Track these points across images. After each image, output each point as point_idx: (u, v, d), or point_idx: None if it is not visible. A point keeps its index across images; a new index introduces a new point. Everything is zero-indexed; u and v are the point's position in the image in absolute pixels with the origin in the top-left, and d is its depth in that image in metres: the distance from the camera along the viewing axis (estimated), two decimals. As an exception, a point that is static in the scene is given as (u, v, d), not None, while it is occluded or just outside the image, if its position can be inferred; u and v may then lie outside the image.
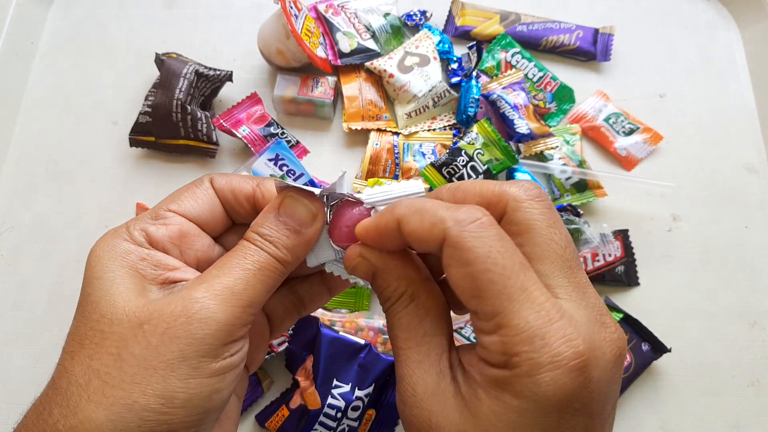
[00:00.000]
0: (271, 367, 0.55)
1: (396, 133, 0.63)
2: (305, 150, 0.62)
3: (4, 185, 0.62)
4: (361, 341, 0.51)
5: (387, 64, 0.64)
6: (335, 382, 0.50)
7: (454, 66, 0.65)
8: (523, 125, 0.61)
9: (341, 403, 0.49)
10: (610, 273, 0.58)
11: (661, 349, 0.54)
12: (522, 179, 0.60)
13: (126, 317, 0.24)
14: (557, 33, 0.68)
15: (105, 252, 0.26)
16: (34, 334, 0.56)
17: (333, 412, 0.49)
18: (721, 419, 0.55)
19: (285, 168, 0.58)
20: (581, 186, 0.61)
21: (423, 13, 0.69)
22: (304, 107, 0.63)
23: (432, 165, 0.58)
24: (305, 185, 0.28)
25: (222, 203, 0.30)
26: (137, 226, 0.27)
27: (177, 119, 0.59)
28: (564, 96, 0.67)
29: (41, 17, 0.70)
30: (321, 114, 0.64)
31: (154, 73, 0.63)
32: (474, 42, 0.66)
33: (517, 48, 0.67)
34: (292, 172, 0.58)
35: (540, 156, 0.62)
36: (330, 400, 0.49)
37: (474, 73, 0.64)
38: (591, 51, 0.68)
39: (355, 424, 0.50)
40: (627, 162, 0.65)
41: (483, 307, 0.23)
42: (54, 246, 0.59)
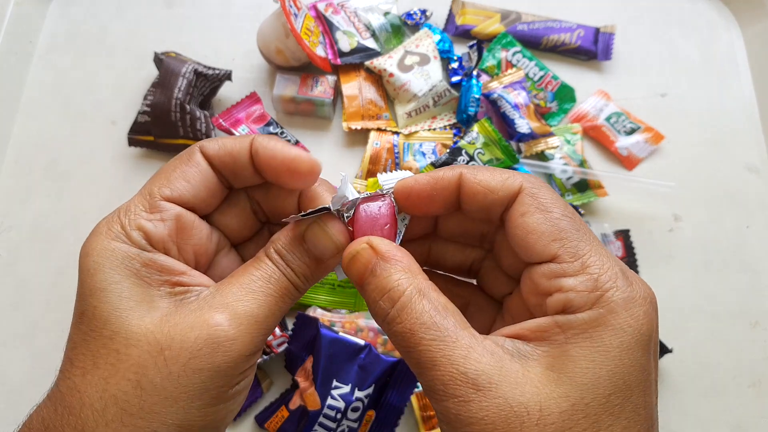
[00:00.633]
0: (271, 368, 0.55)
1: (396, 133, 0.62)
2: (305, 149, 0.62)
3: (2, 185, 0.62)
4: (361, 342, 0.51)
5: (387, 63, 0.64)
6: (335, 382, 0.49)
7: (454, 65, 0.65)
8: (524, 125, 0.60)
9: (341, 404, 0.49)
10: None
11: (663, 350, 0.54)
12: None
13: (144, 339, 0.23)
14: (558, 32, 0.68)
15: (104, 258, 0.24)
16: (33, 334, 0.56)
17: (333, 413, 0.49)
18: (722, 420, 0.55)
19: (285, 168, 0.58)
20: (582, 186, 0.61)
21: (423, 12, 0.69)
22: (303, 106, 0.63)
23: (432, 165, 0.58)
24: (317, 210, 0.27)
25: (219, 170, 0.28)
26: (133, 223, 0.25)
27: (176, 119, 0.59)
28: (565, 95, 0.66)
29: (40, 16, 0.70)
30: (321, 113, 0.64)
31: (153, 73, 0.63)
32: (474, 41, 0.65)
33: (518, 47, 0.67)
34: (291, 171, 0.58)
35: (541, 155, 0.62)
36: (330, 401, 0.49)
37: (474, 73, 0.63)
38: (592, 50, 0.68)
39: (355, 425, 0.50)
40: (628, 161, 0.64)
41: (567, 249, 0.24)
42: (53, 246, 0.59)
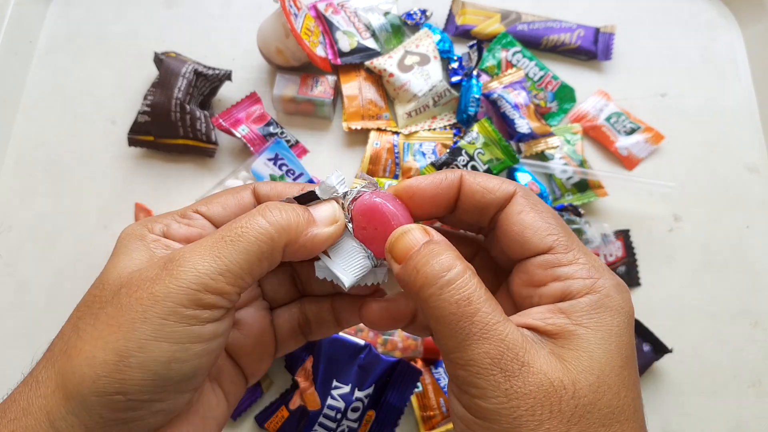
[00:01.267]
0: (271, 368, 0.55)
1: (396, 133, 0.62)
2: (305, 150, 0.62)
3: (2, 185, 0.62)
4: (361, 342, 0.51)
5: (387, 63, 0.64)
6: (335, 382, 0.49)
7: (454, 65, 0.65)
8: (524, 125, 0.60)
9: (341, 404, 0.49)
10: (611, 273, 0.58)
11: (663, 350, 0.54)
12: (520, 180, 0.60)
13: (115, 282, 0.25)
14: (558, 32, 0.68)
15: (126, 235, 0.28)
16: (33, 334, 0.56)
17: (333, 413, 0.49)
18: (722, 420, 0.55)
19: (284, 168, 0.58)
20: (582, 186, 0.61)
21: (423, 12, 0.69)
22: (303, 106, 0.63)
23: (432, 165, 0.58)
24: (307, 195, 0.29)
25: None
26: (162, 221, 0.29)
27: (176, 118, 0.59)
28: (565, 95, 0.66)
29: (40, 16, 0.70)
30: (321, 113, 0.64)
31: (153, 73, 0.63)
32: (474, 41, 0.65)
33: (518, 47, 0.67)
34: (291, 171, 0.58)
35: (541, 155, 0.62)
36: (330, 401, 0.49)
37: (474, 73, 0.63)
38: (592, 50, 0.68)
39: (355, 425, 0.50)
40: (628, 162, 0.64)
41: (560, 242, 0.27)
42: (53, 246, 0.59)
